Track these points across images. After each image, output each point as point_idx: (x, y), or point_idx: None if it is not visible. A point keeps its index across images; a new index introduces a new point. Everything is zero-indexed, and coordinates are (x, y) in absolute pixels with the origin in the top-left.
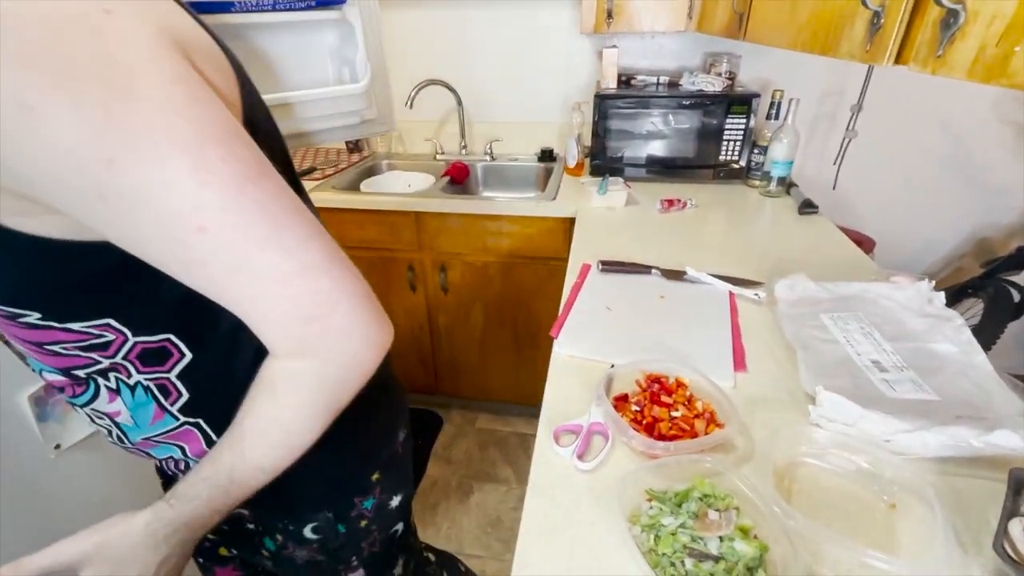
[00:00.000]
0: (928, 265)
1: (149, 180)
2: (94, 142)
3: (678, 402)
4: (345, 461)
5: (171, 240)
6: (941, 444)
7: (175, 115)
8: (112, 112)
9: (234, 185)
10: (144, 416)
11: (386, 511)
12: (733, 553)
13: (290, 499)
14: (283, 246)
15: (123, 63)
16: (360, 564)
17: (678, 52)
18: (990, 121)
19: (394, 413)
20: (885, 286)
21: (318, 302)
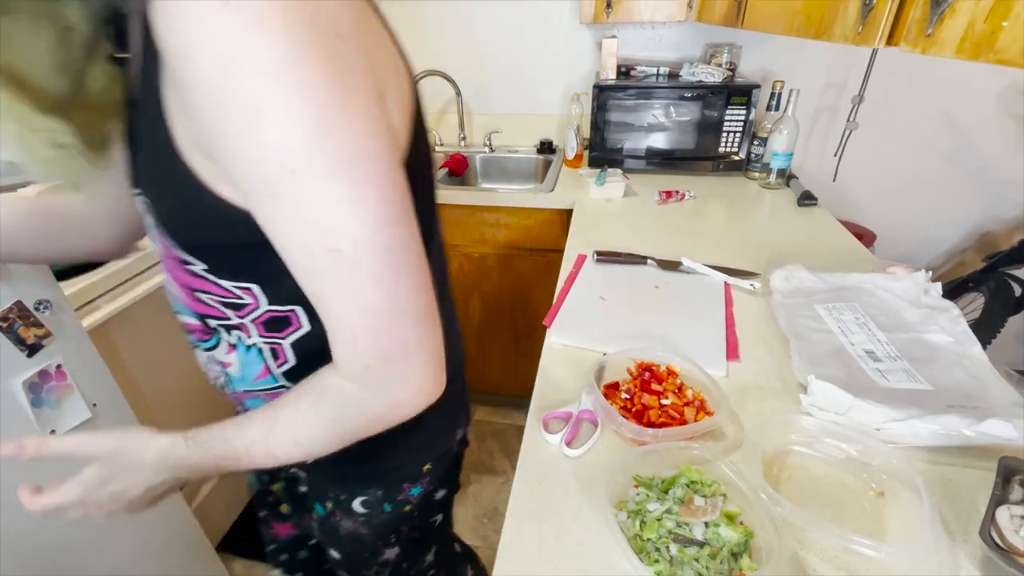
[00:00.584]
0: (930, 259)
1: (315, 196)
2: (290, 152)
3: (668, 390)
4: (404, 449)
5: (306, 247)
6: (932, 433)
7: (357, 148)
8: (315, 131)
9: (375, 225)
10: (250, 372)
11: (430, 501)
12: (718, 539)
13: (347, 473)
14: (392, 291)
15: (342, 89)
16: (397, 543)
17: (679, 43)
18: (994, 115)
19: (457, 411)
20: (881, 277)
21: (396, 346)
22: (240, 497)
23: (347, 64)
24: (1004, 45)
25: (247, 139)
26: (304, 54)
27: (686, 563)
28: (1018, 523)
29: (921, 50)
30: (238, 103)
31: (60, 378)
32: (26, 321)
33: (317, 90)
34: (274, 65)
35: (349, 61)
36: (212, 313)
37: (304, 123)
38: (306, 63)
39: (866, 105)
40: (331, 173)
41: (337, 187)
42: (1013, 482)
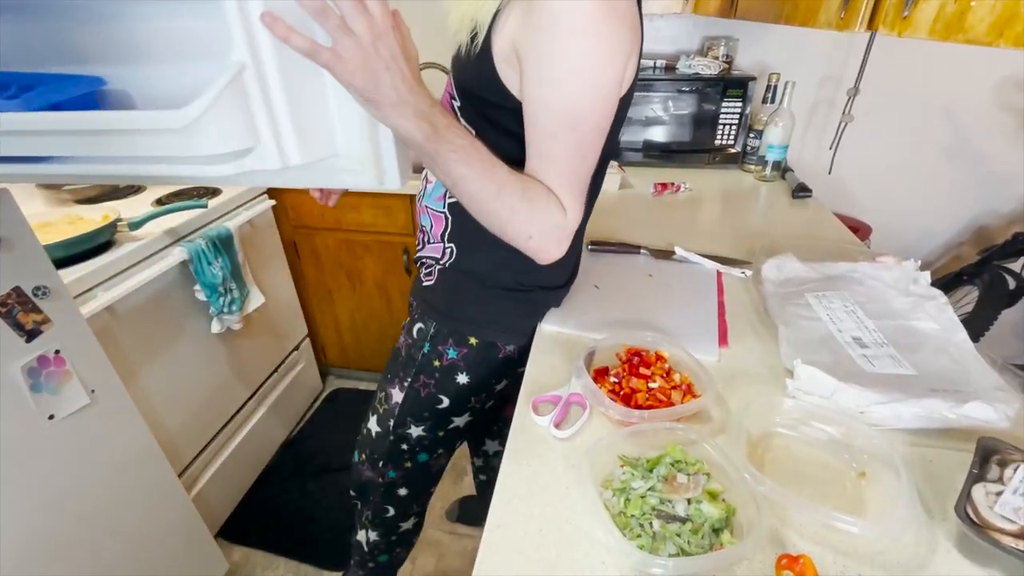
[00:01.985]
0: (926, 253)
1: (576, 94)
2: (571, 63)
3: (656, 374)
4: (469, 311)
5: (552, 113)
6: (915, 416)
7: (603, 78)
8: (587, 64)
9: (595, 126)
10: (436, 193)
11: (452, 376)
12: (700, 515)
13: (433, 303)
14: (586, 153)
15: (616, 45)
16: (404, 389)
17: (676, 36)
18: (990, 108)
19: (524, 317)
20: (871, 266)
21: (579, 186)
22: (240, 484)
23: (627, 25)
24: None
25: (555, 45)
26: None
27: (668, 538)
28: (992, 500)
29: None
30: (561, 26)
31: (59, 364)
32: (25, 307)
33: (600, 39)
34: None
35: (629, 22)
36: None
37: (587, 56)
38: (604, 22)
39: (863, 98)
40: (585, 82)
41: (588, 96)
42: (991, 462)
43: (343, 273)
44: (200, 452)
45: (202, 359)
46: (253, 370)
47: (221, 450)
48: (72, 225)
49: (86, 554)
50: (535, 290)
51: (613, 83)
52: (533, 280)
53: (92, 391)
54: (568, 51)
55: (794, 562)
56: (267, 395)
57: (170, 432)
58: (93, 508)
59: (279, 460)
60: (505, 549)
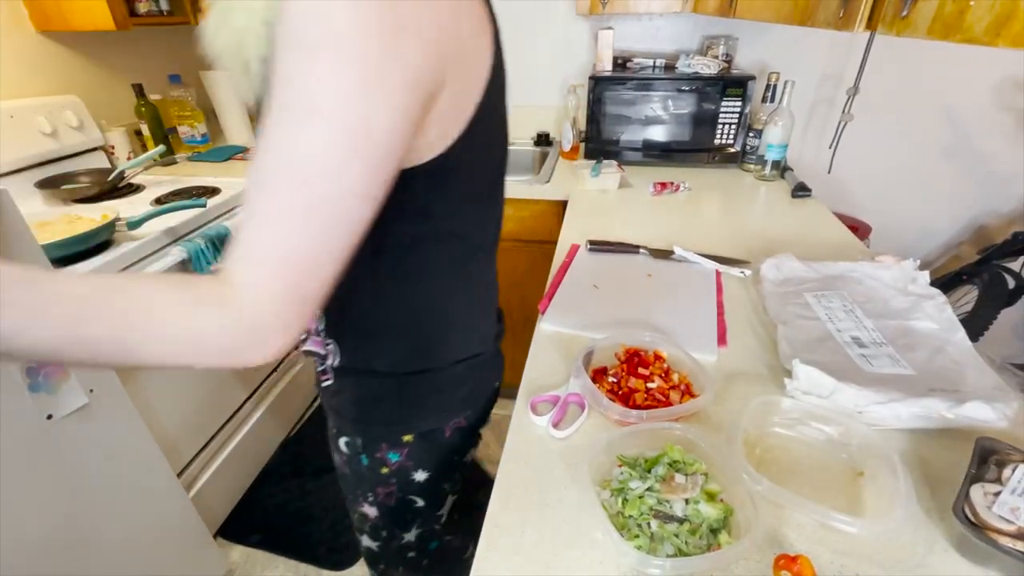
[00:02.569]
0: (925, 252)
1: (312, 137)
2: (311, 88)
3: (655, 374)
4: (387, 409)
5: (274, 158)
6: (913, 415)
7: (378, 119)
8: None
9: (342, 191)
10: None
11: (407, 477)
12: (698, 515)
13: (337, 406)
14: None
15: (380, 75)
16: (375, 506)
17: (676, 35)
18: (990, 108)
19: (459, 398)
20: (870, 266)
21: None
22: (240, 483)
23: (420, 42)
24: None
25: (289, 66)
26: (372, 26)
27: (666, 538)
28: (991, 500)
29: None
30: (296, 38)
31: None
32: None
33: (361, 62)
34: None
35: (428, 38)
36: None
37: (333, 83)
38: (364, 36)
39: (863, 98)
40: (328, 121)
41: (328, 132)
42: (989, 462)
43: None
44: (199, 452)
45: None
46: (252, 369)
47: (220, 450)
48: (71, 224)
49: (84, 554)
50: (452, 366)
51: (384, 128)
52: (444, 358)
53: (91, 391)
54: (305, 74)
55: (792, 562)
56: (266, 394)
57: (169, 432)
58: (91, 508)
59: (278, 459)
60: (503, 549)
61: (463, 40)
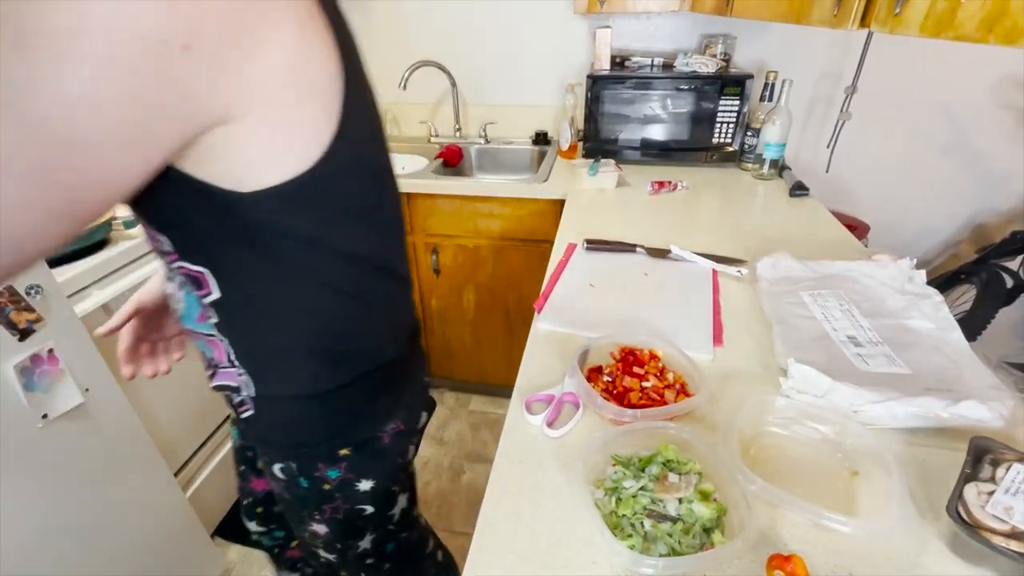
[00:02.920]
0: (924, 251)
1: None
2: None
3: (650, 373)
4: (314, 427)
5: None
6: (909, 415)
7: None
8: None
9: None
10: (191, 315)
11: (352, 489)
12: (691, 515)
13: (264, 436)
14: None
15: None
16: (324, 522)
17: (674, 34)
18: (988, 106)
19: (387, 402)
20: (867, 265)
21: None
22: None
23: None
24: (961, 21)
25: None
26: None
27: (659, 538)
28: (984, 499)
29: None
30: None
31: (52, 362)
32: (17, 305)
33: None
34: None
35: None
36: (155, 246)
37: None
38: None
39: (861, 97)
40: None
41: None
42: (984, 461)
43: None
44: (196, 451)
45: (198, 357)
46: None
47: (218, 449)
48: None
49: (81, 553)
50: (369, 375)
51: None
52: (358, 370)
53: (86, 390)
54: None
55: (785, 561)
56: None
57: (166, 431)
58: (88, 507)
59: None
60: (496, 549)
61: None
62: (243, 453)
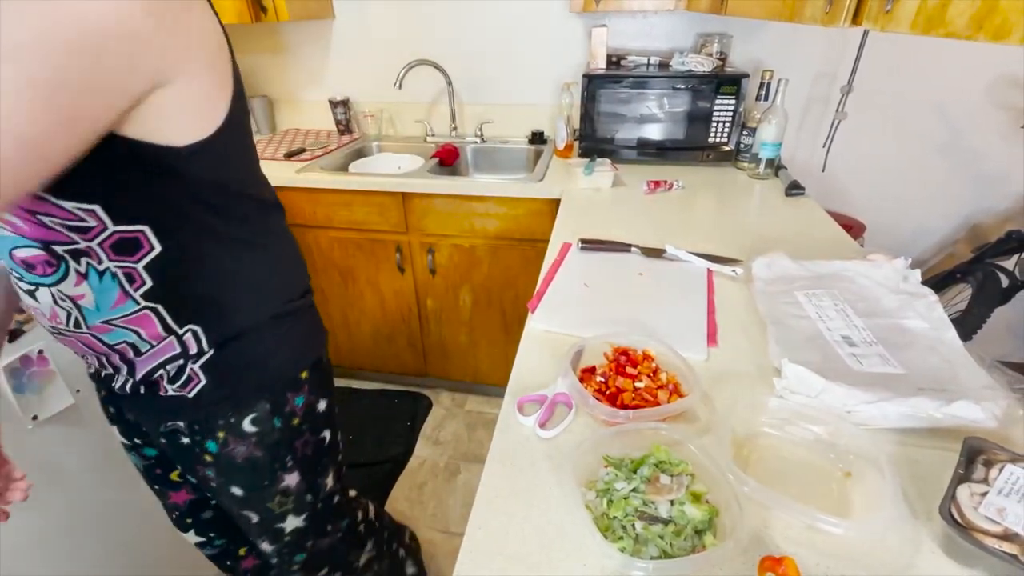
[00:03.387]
0: (920, 251)
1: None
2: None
3: (643, 373)
4: (280, 354)
5: None
6: (902, 415)
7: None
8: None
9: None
10: (107, 300)
11: (315, 413)
12: (683, 516)
13: (235, 389)
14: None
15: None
16: (295, 466)
17: (670, 33)
18: (984, 106)
19: (319, 322)
20: (862, 264)
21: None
22: None
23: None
24: (952, 18)
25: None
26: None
27: (650, 540)
28: (977, 500)
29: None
30: None
31: (42, 364)
32: None
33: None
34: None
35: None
36: (57, 238)
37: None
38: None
39: (857, 96)
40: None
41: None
42: (976, 462)
43: (335, 271)
44: None
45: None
46: None
47: None
48: None
49: (72, 555)
50: (303, 298)
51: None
52: (294, 293)
53: (77, 391)
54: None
55: (777, 564)
56: None
57: None
58: (79, 509)
59: None
60: (486, 550)
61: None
62: (152, 473)
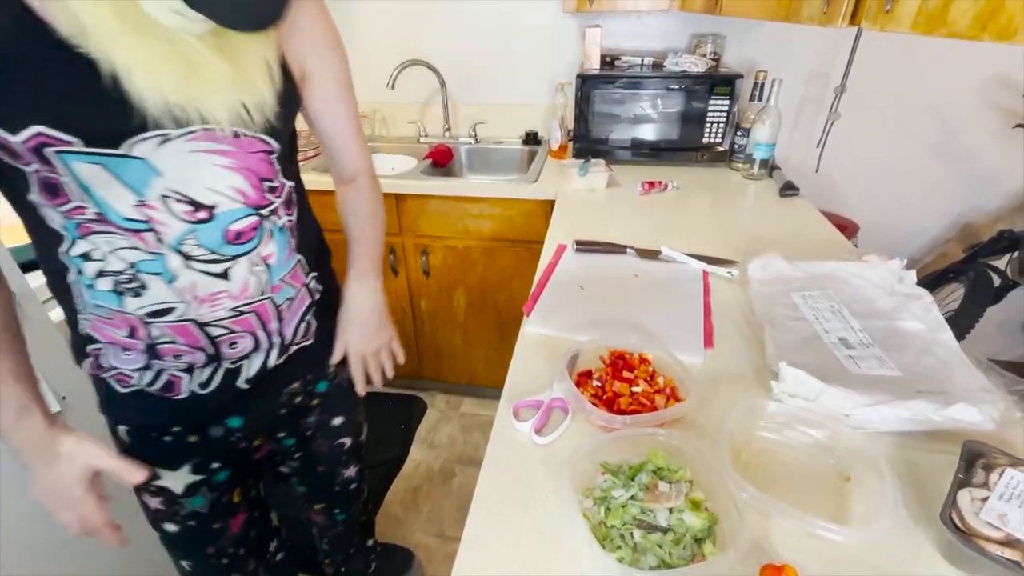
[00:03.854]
0: (913, 251)
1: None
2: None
3: (640, 377)
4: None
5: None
6: (900, 418)
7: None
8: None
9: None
10: (282, 255)
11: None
12: (682, 525)
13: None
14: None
15: None
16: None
17: (664, 33)
18: (976, 106)
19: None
20: (857, 265)
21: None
22: None
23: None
24: (955, 18)
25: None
26: None
27: (649, 549)
28: (978, 505)
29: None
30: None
31: None
32: None
33: None
34: None
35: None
36: (264, 202)
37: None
38: None
39: (850, 97)
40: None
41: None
42: (976, 466)
43: None
44: None
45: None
46: None
47: None
48: None
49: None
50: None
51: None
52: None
53: (63, 398)
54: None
55: (778, 572)
56: None
57: None
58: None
59: None
60: (481, 560)
61: None
62: (217, 506)
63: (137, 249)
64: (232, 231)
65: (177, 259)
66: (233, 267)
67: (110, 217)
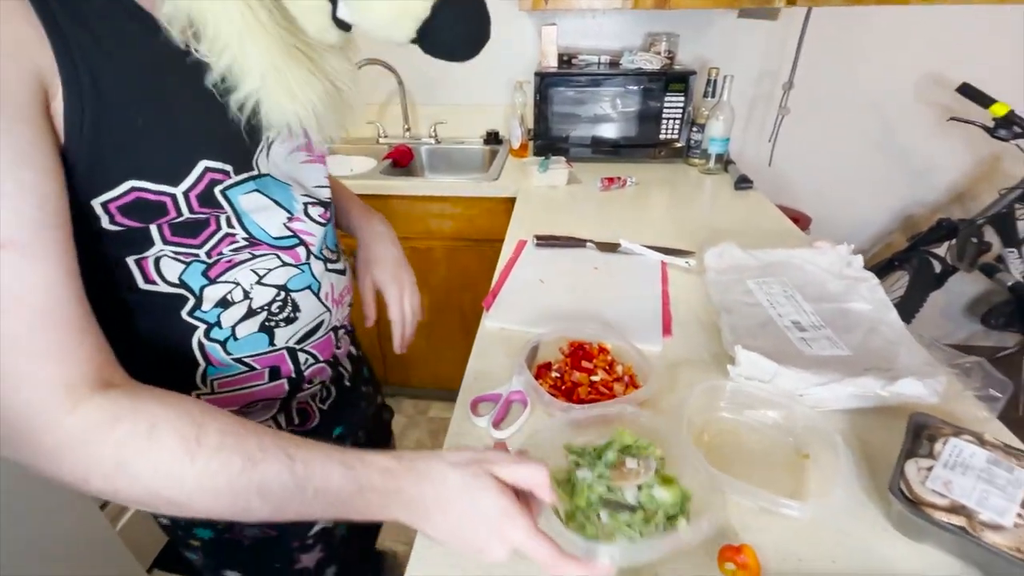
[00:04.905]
0: (860, 241)
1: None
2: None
3: (598, 367)
4: None
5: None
6: (850, 395)
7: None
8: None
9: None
10: (332, 236)
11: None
12: (652, 501)
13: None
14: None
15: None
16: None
17: (619, 32)
18: (913, 103)
19: None
20: (808, 251)
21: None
22: None
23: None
24: None
25: None
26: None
27: (618, 530)
28: (924, 475)
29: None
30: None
31: None
32: None
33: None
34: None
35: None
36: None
37: None
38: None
39: (799, 94)
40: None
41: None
42: (922, 437)
43: None
44: None
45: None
46: None
47: None
48: None
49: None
50: None
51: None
52: None
53: None
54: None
55: (736, 552)
56: None
57: None
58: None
59: None
60: (434, 559)
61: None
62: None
63: (288, 266)
64: (326, 195)
65: (319, 265)
66: (342, 259)
67: (262, 239)
